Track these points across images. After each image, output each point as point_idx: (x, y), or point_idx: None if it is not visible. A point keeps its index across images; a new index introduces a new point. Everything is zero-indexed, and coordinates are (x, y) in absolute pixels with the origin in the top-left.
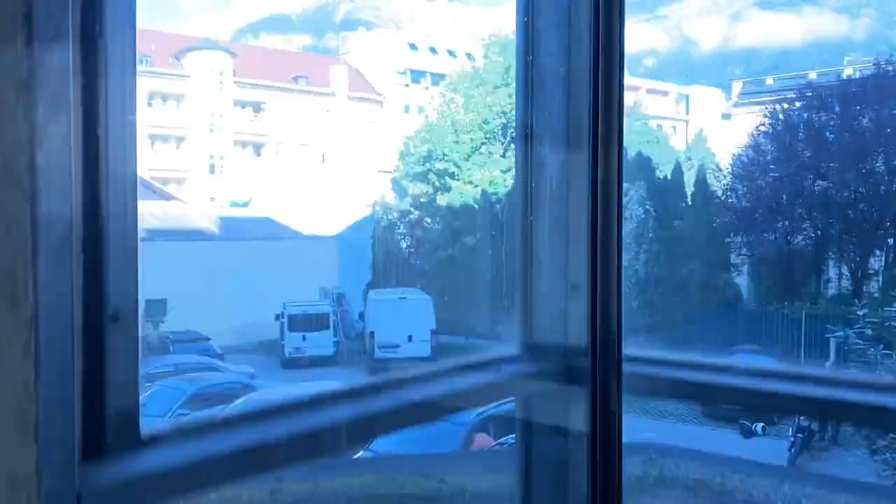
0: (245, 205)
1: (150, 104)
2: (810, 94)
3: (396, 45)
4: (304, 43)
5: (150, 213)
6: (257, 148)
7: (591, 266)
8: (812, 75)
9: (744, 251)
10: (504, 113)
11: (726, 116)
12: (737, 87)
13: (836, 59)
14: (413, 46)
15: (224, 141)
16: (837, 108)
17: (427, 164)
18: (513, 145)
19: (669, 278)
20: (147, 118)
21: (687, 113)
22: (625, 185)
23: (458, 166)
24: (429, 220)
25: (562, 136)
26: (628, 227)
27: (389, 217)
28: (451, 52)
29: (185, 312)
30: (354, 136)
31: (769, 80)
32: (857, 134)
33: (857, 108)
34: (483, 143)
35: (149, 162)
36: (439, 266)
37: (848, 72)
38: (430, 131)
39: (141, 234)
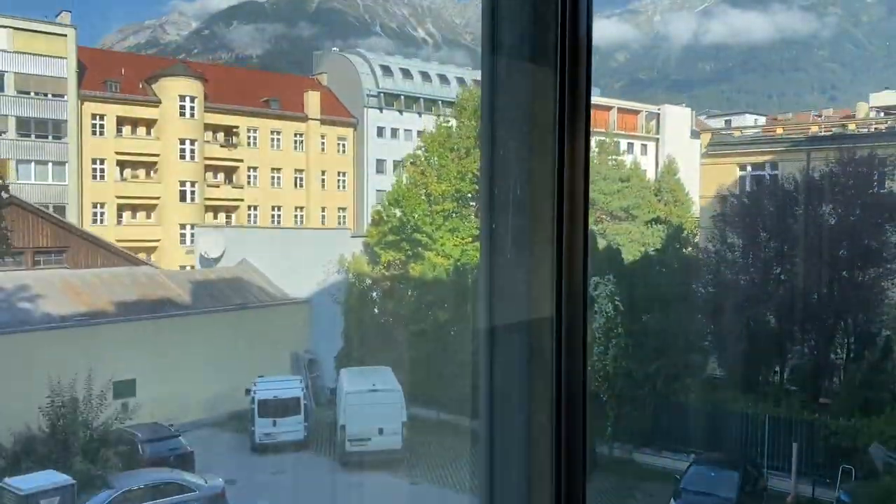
0: (217, 260)
1: (119, 130)
2: (772, 186)
3: (369, 68)
4: (277, 32)
5: (118, 280)
6: (229, 173)
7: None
8: (779, 130)
9: (709, 341)
10: (477, 178)
11: (695, 134)
12: (705, 137)
13: (805, 56)
14: (387, 70)
15: (195, 168)
16: (801, 198)
17: (400, 234)
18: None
19: (638, 372)
20: (117, 144)
21: (657, 131)
22: (594, 278)
23: (430, 238)
24: (401, 289)
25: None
26: (597, 322)
27: (362, 284)
28: (423, 75)
29: (155, 390)
30: (328, 164)
31: (736, 133)
32: (820, 224)
33: (819, 199)
34: (455, 212)
35: (118, 189)
36: (411, 338)
37: (814, 129)
38: (404, 199)
39: (111, 307)
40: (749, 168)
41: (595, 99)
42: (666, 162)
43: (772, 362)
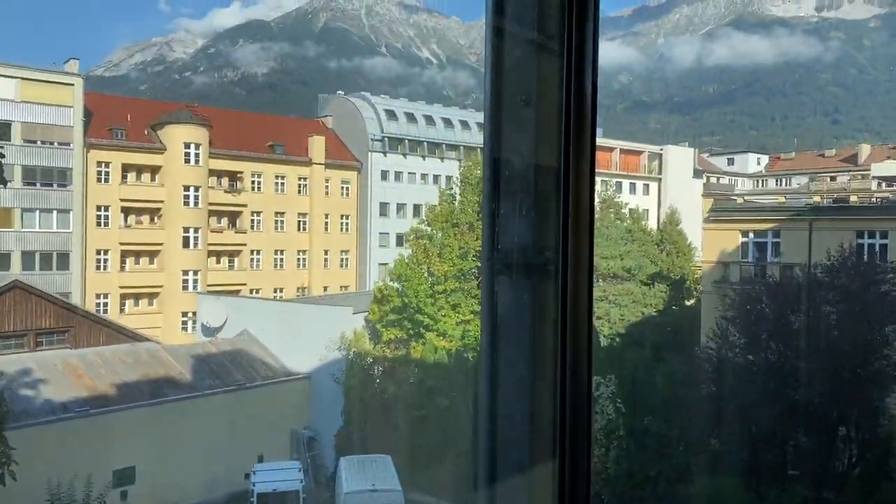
0: (218, 330)
1: (124, 177)
2: (774, 282)
3: (373, 112)
4: (283, 51)
5: (120, 359)
6: (233, 217)
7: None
8: (781, 199)
9: (711, 444)
10: (478, 255)
11: (697, 174)
12: (707, 203)
13: (808, 79)
14: (391, 114)
15: (199, 214)
16: (803, 295)
17: (402, 314)
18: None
19: (639, 474)
20: (122, 191)
21: (660, 171)
22: (595, 378)
23: (432, 318)
24: (402, 371)
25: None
26: (598, 423)
27: (363, 362)
28: (427, 119)
29: (155, 475)
30: (332, 207)
31: (739, 200)
32: (819, 325)
33: (821, 298)
34: (456, 289)
35: (122, 235)
36: (412, 423)
37: (817, 199)
38: (406, 278)
39: (113, 389)
40: (751, 235)
41: (598, 140)
42: (668, 212)
43: (774, 463)
